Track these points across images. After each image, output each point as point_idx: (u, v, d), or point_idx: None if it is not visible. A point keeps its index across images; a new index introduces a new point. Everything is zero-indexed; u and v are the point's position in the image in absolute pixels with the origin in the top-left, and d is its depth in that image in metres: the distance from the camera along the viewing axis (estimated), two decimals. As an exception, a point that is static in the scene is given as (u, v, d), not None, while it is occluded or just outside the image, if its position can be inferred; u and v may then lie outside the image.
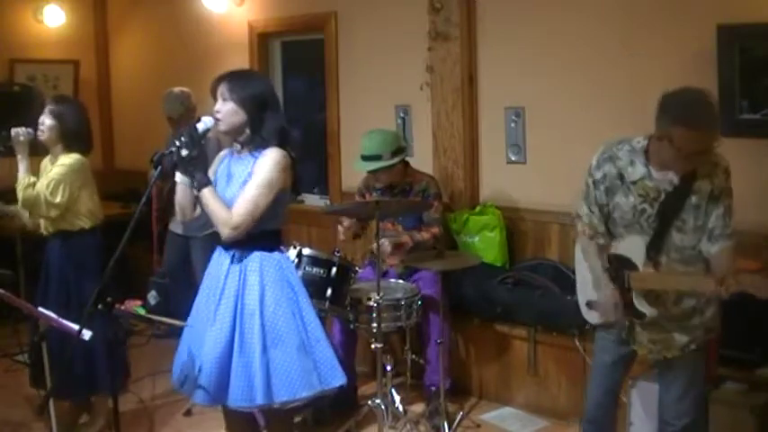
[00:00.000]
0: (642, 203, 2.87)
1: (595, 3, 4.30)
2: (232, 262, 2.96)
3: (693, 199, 2.80)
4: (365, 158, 4.35)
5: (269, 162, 2.91)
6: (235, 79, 2.98)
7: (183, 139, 2.87)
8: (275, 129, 2.97)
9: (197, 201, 2.98)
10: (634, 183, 2.88)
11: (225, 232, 2.89)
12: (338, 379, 3.00)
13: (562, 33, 4.43)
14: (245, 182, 2.93)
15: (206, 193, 2.88)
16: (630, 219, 2.90)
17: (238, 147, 3.04)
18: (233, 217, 2.87)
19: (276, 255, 3.01)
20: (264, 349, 2.88)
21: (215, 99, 2.99)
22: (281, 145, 2.97)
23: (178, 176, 2.97)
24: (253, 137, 2.98)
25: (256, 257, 2.95)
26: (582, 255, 3.11)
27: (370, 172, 4.41)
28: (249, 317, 2.90)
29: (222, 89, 2.96)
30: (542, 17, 4.52)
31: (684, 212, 2.81)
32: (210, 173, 3.06)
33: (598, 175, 2.96)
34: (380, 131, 4.43)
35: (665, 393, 3.02)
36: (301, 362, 2.91)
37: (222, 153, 3.15)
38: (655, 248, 2.84)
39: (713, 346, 3.17)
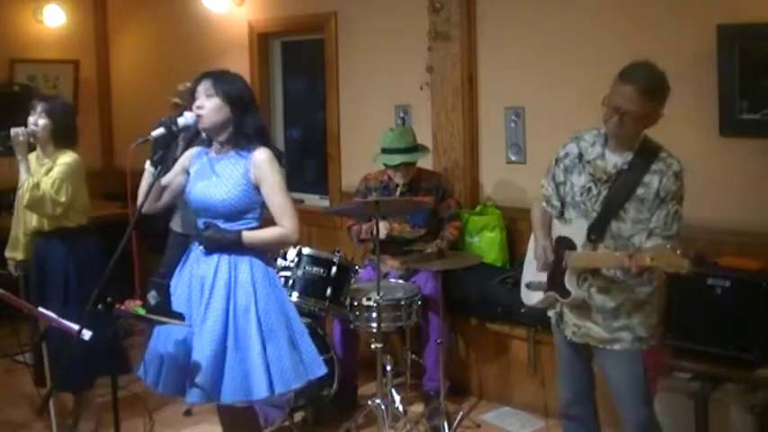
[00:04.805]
0: (590, 182, 2.95)
1: (595, 3, 4.30)
2: (221, 254, 2.98)
3: (640, 191, 2.85)
4: (392, 151, 4.36)
5: (268, 165, 2.96)
6: (219, 76, 3.01)
7: (159, 129, 2.97)
8: (257, 127, 3.01)
9: (162, 191, 3.10)
10: (589, 162, 2.98)
11: (293, 242, 3.11)
12: (321, 368, 3.09)
13: (562, 33, 4.43)
14: (240, 183, 2.95)
15: (250, 237, 2.95)
16: (579, 199, 2.98)
17: (218, 146, 3.05)
18: (288, 232, 2.96)
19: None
20: (263, 344, 2.91)
21: (193, 100, 3.01)
22: (264, 143, 3.00)
23: (147, 165, 3.03)
24: (236, 135, 2.99)
25: (245, 254, 2.98)
26: (533, 222, 3.21)
27: (402, 164, 4.36)
28: (244, 313, 2.93)
29: (206, 85, 2.98)
30: (542, 17, 4.52)
31: (629, 202, 2.87)
32: (179, 167, 3.11)
33: (562, 153, 3.10)
34: (401, 126, 4.50)
35: (614, 398, 3.05)
36: (291, 354, 2.97)
37: (193, 150, 3.15)
38: (595, 232, 2.91)
39: (653, 358, 3.16)
